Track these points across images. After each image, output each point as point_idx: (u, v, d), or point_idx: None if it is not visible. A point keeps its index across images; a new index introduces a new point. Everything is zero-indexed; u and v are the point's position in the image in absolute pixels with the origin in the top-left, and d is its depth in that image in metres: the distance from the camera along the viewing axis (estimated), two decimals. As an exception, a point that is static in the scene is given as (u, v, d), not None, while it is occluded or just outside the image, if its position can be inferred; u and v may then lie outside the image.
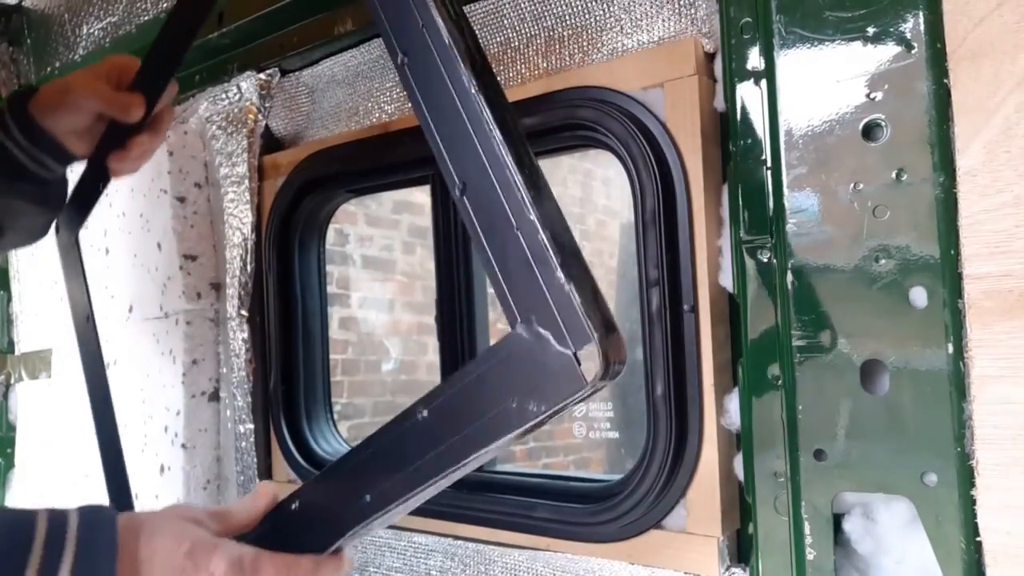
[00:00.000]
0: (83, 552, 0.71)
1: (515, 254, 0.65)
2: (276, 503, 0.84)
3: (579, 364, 0.62)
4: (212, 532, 0.79)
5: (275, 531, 0.81)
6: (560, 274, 0.63)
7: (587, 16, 1.12)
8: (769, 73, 0.89)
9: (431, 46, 0.70)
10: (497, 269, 0.67)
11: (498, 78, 1.21)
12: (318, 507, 0.82)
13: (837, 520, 0.86)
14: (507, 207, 0.66)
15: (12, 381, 2.11)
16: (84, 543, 0.71)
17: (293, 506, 0.83)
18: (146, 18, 1.70)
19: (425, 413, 0.73)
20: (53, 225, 1.30)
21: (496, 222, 0.67)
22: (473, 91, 0.67)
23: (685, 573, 0.98)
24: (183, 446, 1.55)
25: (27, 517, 0.72)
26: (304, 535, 0.80)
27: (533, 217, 0.64)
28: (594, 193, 4.62)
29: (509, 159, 0.66)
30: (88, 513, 0.75)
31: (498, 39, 1.21)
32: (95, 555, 0.71)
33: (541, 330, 0.64)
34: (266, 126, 1.51)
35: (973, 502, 0.76)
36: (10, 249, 1.24)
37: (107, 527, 0.74)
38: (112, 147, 1.15)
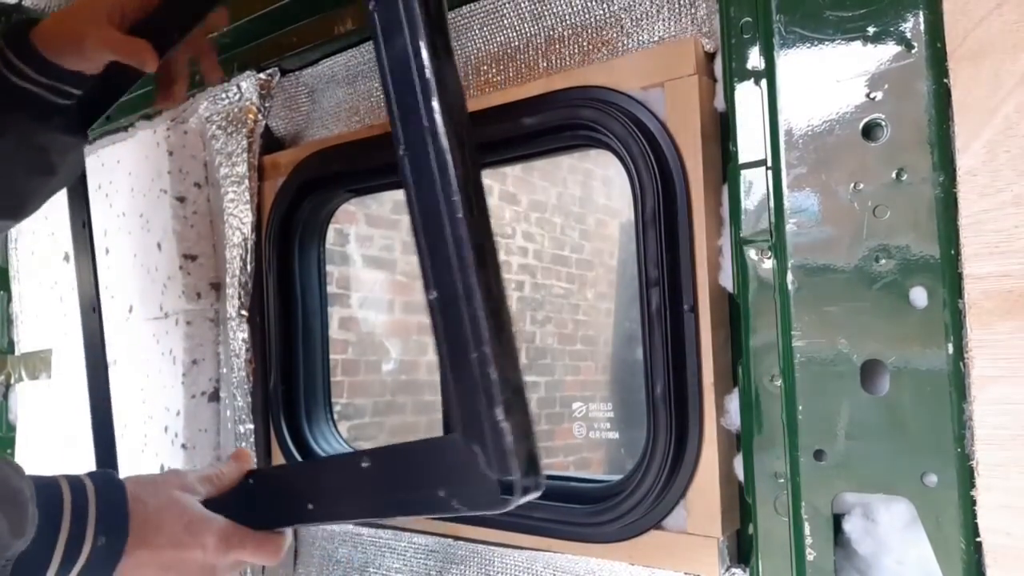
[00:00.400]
0: (102, 520, 0.81)
1: (468, 375, 0.73)
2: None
3: (500, 490, 0.72)
4: (203, 495, 0.91)
5: (235, 500, 0.94)
6: (499, 410, 0.70)
7: (587, 16, 1.11)
8: (769, 73, 0.88)
9: (431, 153, 0.75)
10: (451, 379, 0.75)
11: (499, 78, 1.21)
12: (272, 492, 0.95)
13: (837, 520, 0.86)
14: (469, 333, 0.73)
15: (12, 381, 2.11)
16: (103, 512, 0.82)
17: (250, 481, 0.96)
18: (146, 18, 1.69)
19: (367, 464, 0.84)
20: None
21: (457, 340, 0.74)
22: (460, 214, 0.73)
23: (685, 573, 0.98)
24: (183, 446, 1.55)
25: (54, 484, 0.82)
26: (258, 510, 0.93)
27: (488, 351, 0.71)
28: (594, 192, 4.62)
29: (479, 290, 0.72)
30: (102, 484, 0.84)
31: (498, 39, 1.20)
32: (113, 526, 0.82)
33: (475, 448, 0.72)
34: (266, 126, 1.51)
35: (973, 502, 0.76)
36: (60, 188, 1.22)
37: (120, 496, 0.84)
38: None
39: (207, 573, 0.87)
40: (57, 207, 1.82)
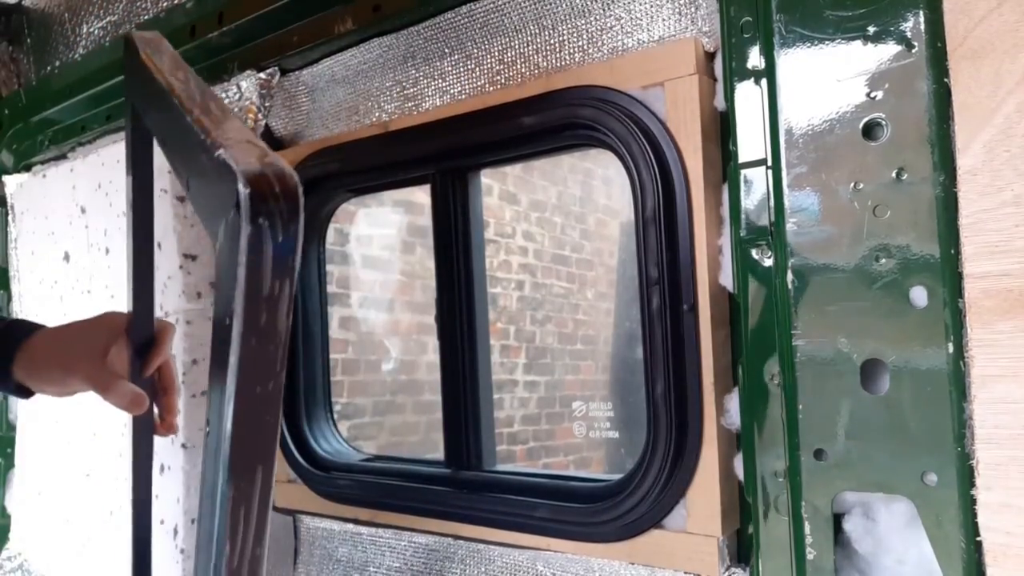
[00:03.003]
0: None
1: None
2: None
3: None
4: None
5: None
6: None
7: (587, 15, 1.11)
8: (769, 72, 0.88)
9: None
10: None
11: (499, 77, 1.21)
12: None
13: (837, 520, 0.86)
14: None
15: (12, 381, 2.11)
16: None
17: None
18: (146, 17, 1.70)
19: None
20: None
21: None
22: None
23: (685, 573, 0.98)
24: (183, 446, 1.55)
25: None
26: None
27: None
28: (594, 192, 4.62)
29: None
30: None
31: (499, 39, 1.20)
32: None
33: None
34: (266, 125, 1.51)
35: (973, 502, 0.76)
36: None
37: None
38: None
39: None
40: (56, 206, 1.82)
